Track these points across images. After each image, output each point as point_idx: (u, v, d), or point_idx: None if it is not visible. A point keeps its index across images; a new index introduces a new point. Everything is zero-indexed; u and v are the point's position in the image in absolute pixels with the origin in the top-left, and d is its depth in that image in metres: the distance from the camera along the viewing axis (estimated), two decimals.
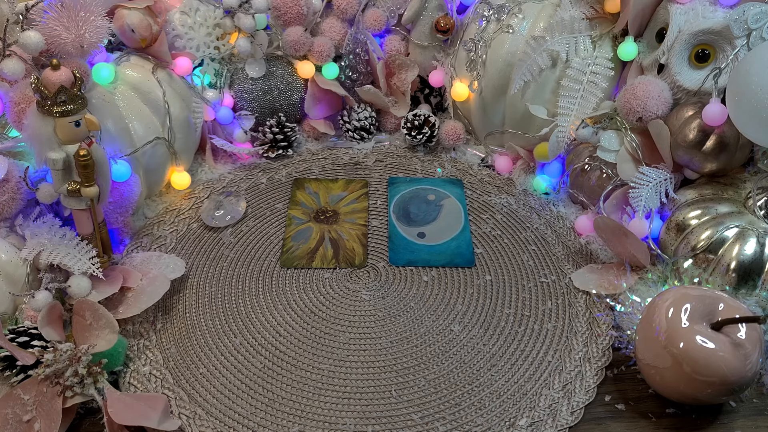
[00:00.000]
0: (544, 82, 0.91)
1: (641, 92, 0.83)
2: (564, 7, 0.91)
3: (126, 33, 0.87)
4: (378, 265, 0.85)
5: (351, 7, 1.00)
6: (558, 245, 0.88)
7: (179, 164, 0.94)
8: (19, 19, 0.75)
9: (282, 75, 1.01)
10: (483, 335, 0.76)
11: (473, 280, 0.83)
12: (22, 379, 0.67)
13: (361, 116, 1.04)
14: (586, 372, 0.72)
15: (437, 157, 1.03)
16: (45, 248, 0.74)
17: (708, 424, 0.68)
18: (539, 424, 0.68)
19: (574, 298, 0.81)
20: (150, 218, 0.91)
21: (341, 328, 0.77)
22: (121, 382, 0.71)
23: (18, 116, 0.76)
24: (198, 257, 0.86)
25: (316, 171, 1.00)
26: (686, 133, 0.80)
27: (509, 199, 0.95)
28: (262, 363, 0.73)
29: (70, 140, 0.71)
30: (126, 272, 0.77)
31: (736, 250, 0.75)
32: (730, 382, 0.63)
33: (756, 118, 0.72)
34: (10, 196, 0.77)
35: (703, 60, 0.83)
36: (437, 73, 1.03)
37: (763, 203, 0.79)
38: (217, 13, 0.95)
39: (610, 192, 0.86)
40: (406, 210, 0.93)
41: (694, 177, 0.85)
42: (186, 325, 0.77)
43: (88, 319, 0.69)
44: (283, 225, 0.91)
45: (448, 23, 0.98)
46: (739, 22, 0.79)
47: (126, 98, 0.85)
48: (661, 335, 0.65)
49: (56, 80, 0.69)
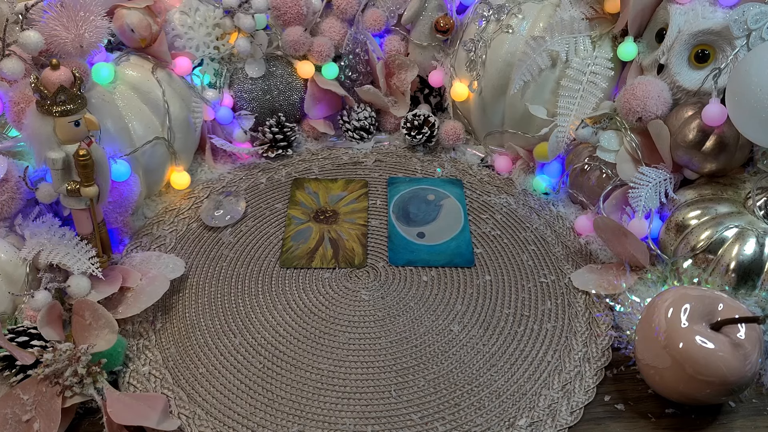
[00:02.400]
0: (544, 82, 0.91)
1: (641, 92, 0.83)
2: (564, 7, 0.91)
3: (125, 33, 0.87)
4: (377, 265, 0.85)
5: (351, 7, 1.00)
6: (557, 245, 0.88)
7: (179, 164, 0.94)
8: (18, 18, 0.75)
9: (282, 75, 1.01)
10: (482, 335, 0.76)
11: (473, 280, 0.83)
12: (22, 378, 0.67)
13: (361, 116, 1.04)
14: (585, 372, 0.72)
15: (437, 157, 1.03)
16: (44, 248, 0.74)
17: (707, 425, 0.68)
18: (539, 424, 0.68)
19: (574, 298, 0.81)
20: (149, 218, 0.91)
21: (341, 328, 0.77)
22: (121, 382, 0.71)
23: (17, 116, 0.76)
24: (197, 257, 0.86)
25: (316, 171, 1.00)
26: (686, 134, 0.80)
27: (509, 199, 0.95)
28: (262, 363, 0.73)
29: (69, 140, 0.71)
30: (125, 272, 0.77)
31: (736, 250, 0.75)
32: (729, 383, 0.63)
33: (755, 118, 0.72)
34: (10, 195, 0.77)
35: (703, 60, 0.83)
36: (437, 73, 1.03)
37: (762, 203, 0.79)
38: (216, 13, 0.95)
39: (610, 192, 0.86)
40: (406, 210, 0.93)
41: (694, 177, 0.85)
42: (185, 324, 0.77)
43: (87, 319, 0.69)
44: (283, 225, 0.90)
45: (447, 23, 0.98)
46: (739, 23, 0.79)
47: (125, 98, 0.85)
48: (660, 335, 0.65)
49: (56, 80, 0.69)
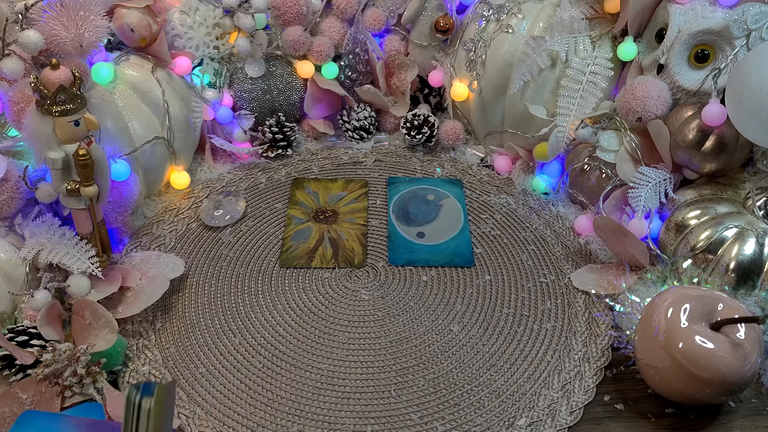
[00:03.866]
0: (544, 82, 0.91)
1: (641, 92, 0.83)
2: (563, 7, 0.91)
3: (125, 32, 0.87)
4: (377, 264, 0.85)
5: (350, 7, 0.99)
6: (557, 245, 0.88)
7: (178, 164, 0.94)
8: (18, 18, 0.75)
9: (281, 75, 1.01)
10: (482, 335, 0.76)
11: (472, 280, 0.83)
12: (21, 378, 0.67)
13: (361, 116, 1.04)
14: (585, 372, 0.72)
15: (437, 156, 1.03)
16: (44, 247, 0.74)
17: (707, 424, 0.68)
18: (538, 424, 0.68)
19: (574, 298, 0.81)
20: (149, 218, 0.91)
21: (340, 328, 0.77)
22: (120, 381, 0.71)
23: (17, 115, 0.76)
24: (197, 257, 0.85)
25: (316, 171, 1.00)
26: (685, 134, 0.80)
27: (508, 199, 0.95)
28: (262, 363, 0.73)
29: (69, 139, 0.71)
30: (125, 272, 0.77)
31: (736, 250, 0.75)
32: (729, 382, 0.63)
33: (755, 118, 0.72)
34: (10, 195, 0.77)
35: (703, 60, 0.83)
36: (437, 73, 1.03)
37: (762, 203, 0.79)
38: (216, 13, 0.95)
39: (610, 192, 0.86)
40: (406, 210, 0.93)
41: (694, 177, 0.85)
42: (185, 324, 0.77)
43: (87, 319, 0.69)
44: (283, 225, 0.90)
45: (447, 23, 0.98)
46: (739, 23, 0.79)
47: (125, 98, 0.85)
48: (660, 335, 0.65)
49: (55, 79, 0.69)
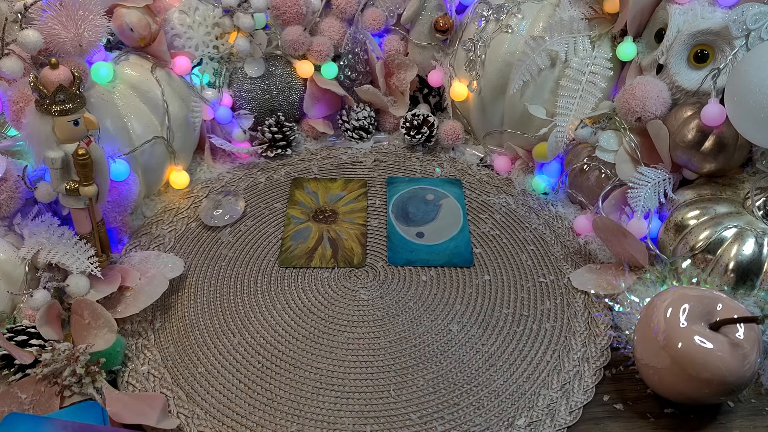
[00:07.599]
0: (543, 82, 0.91)
1: (640, 92, 0.83)
2: (563, 7, 0.91)
3: (125, 32, 0.87)
4: (377, 264, 0.85)
5: (350, 7, 0.99)
6: (557, 245, 0.88)
7: (178, 163, 0.94)
8: (17, 17, 0.75)
9: (281, 74, 1.01)
10: (481, 335, 0.76)
11: (472, 280, 0.83)
12: (20, 378, 0.67)
13: (360, 116, 1.04)
14: (584, 372, 0.72)
15: (436, 156, 1.03)
16: (43, 247, 0.74)
17: (706, 425, 0.68)
18: (537, 424, 0.68)
19: (573, 298, 0.81)
20: (148, 217, 0.91)
21: (340, 328, 0.77)
22: (120, 381, 0.71)
23: (16, 115, 0.76)
24: (196, 256, 0.85)
25: (315, 170, 1.00)
26: (685, 134, 0.80)
27: (508, 199, 0.95)
28: (261, 362, 0.73)
29: (68, 139, 0.71)
30: (124, 271, 0.77)
31: (735, 250, 0.75)
32: (728, 382, 0.63)
33: (754, 118, 0.72)
34: (9, 194, 0.77)
35: (702, 60, 0.83)
36: (436, 73, 1.03)
37: (761, 203, 0.79)
38: (216, 12, 0.95)
39: (609, 192, 0.86)
40: (405, 210, 0.93)
41: (693, 177, 0.85)
42: (184, 324, 0.77)
43: (86, 319, 0.69)
44: (282, 224, 0.90)
45: (447, 23, 0.98)
46: (738, 23, 0.79)
47: (125, 97, 0.85)
48: (659, 335, 0.65)
49: (55, 79, 0.69)
